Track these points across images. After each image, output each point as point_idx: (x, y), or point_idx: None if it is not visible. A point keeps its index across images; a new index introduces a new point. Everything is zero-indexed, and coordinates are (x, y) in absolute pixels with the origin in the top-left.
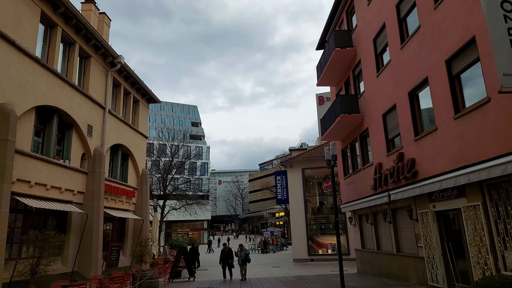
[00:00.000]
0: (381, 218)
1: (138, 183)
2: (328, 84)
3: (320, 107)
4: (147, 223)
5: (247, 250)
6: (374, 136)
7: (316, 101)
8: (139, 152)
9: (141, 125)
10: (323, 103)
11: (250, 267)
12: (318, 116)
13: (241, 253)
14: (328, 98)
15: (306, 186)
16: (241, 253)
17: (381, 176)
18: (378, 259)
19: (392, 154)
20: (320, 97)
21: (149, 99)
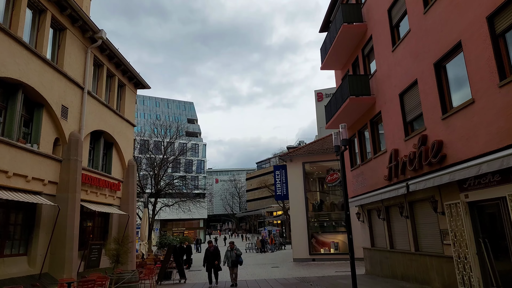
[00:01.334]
0: (396, 213)
1: (124, 175)
2: (333, 67)
3: (319, 104)
4: (134, 219)
5: (238, 250)
6: (388, 120)
7: (314, 98)
8: (125, 141)
9: (127, 112)
10: (322, 99)
11: (247, 267)
12: (317, 113)
13: (231, 253)
14: (327, 94)
15: (307, 182)
16: (232, 253)
17: (397, 165)
18: (391, 259)
19: (412, 138)
20: (319, 93)
21: (137, 83)
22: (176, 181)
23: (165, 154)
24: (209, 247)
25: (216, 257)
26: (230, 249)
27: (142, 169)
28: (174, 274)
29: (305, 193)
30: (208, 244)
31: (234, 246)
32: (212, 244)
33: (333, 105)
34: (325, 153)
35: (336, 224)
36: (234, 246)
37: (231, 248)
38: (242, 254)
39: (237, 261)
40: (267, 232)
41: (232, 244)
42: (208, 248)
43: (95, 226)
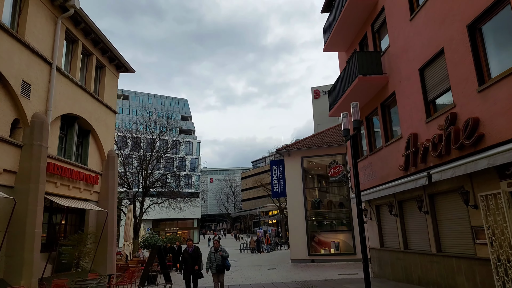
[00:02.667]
0: (412, 208)
1: (103, 167)
2: (337, 48)
3: (315, 101)
4: (114, 216)
5: (225, 251)
6: (404, 101)
7: (311, 95)
8: (104, 129)
9: (108, 97)
10: (318, 97)
11: (241, 269)
12: (314, 110)
13: (215, 256)
14: (324, 91)
15: (305, 178)
16: (216, 255)
17: (416, 151)
18: (405, 260)
19: (436, 118)
20: (316, 91)
21: (119, 66)
22: (166, 177)
23: (154, 148)
24: (188, 247)
25: (196, 260)
26: (214, 250)
27: (129, 163)
28: (159, 278)
29: (303, 189)
30: (186, 244)
31: (220, 246)
32: (191, 243)
33: (338, 89)
34: (325, 147)
35: (336, 222)
36: (220, 246)
37: (216, 249)
38: (229, 256)
39: (223, 265)
40: (263, 232)
41: (216, 243)
42: (186, 248)
43: (68, 224)
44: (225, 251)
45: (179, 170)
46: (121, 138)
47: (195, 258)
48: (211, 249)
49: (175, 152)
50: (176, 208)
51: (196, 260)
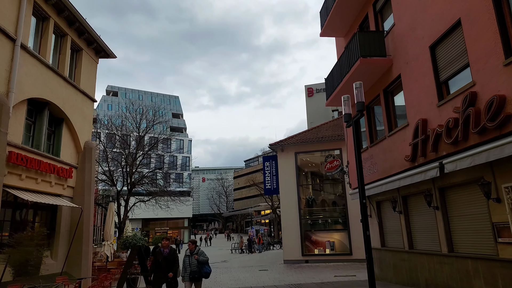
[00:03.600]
0: (420, 203)
1: (78, 160)
2: (335, 32)
3: (309, 99)
4: (91, 214)
5: (203, 254)
6: (412, 84)
7: (305, 93)
8: (80, 118)
9: (85, 83)
10: (312, 95)
11: (231, 271)
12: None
13: (190, 260)
14: (318, 89)
15: (299, 174)
16: (191, 259)
17: (426, 139)
18: (410, 261)
19: (450, 100)
20: (309, 88)
21: (98, 50)
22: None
23: (140, 143)
24: (162, 247)
25: (171, 265)
26: (189, 253)
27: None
28: (139, 281)
29: (297, 186)
30: (161, 244)
31: (196, 248)
32: (167, 242)
33: (336, 76)
34: (320, 142)
35: (331, 221)
36: (196, 248)
37: (191, 251)
38: (208, 260)
39: (199, 272)
40: (254, 232)
41: (192, 245)
42: (160, 249)
43: (38, 222)
44: (204, 254)
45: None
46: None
47: (170, 262)
48: (186, 252)
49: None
50: (163, 206)
51: (171, 265)
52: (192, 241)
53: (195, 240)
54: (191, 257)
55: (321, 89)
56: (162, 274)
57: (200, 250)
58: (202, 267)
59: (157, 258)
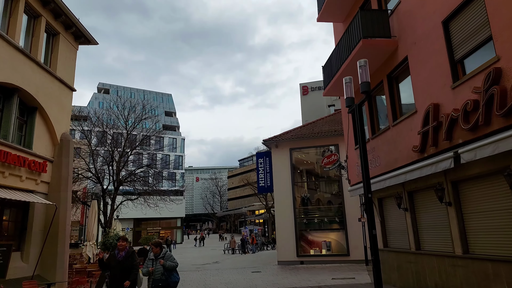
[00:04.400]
0: (429, 199)
1: (54, 153)
2: (333, 17)
3: (304, 97)
4: (68, 212)
5: (171, 258)
6: (421, 66)
7: (300, 91)
8: (57, 108)
9: (63, 70)
10: (307, 93)
11: (222, 272)
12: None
13: (154, 265)
14: (313, 88)
15: (295, 172)
16: (155, 264)
17: (437, 126)
18: (417, 264)
19: (469, 80)
20: (304, 87)
21: (78, 35)
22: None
23: (128, 139)
24: (117, 250)
25: (127, 272)
26: (153, 257)
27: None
28: None
29: (292, 184)
30: (117, 244)
31: (162, 250)
32: (124, 244)
33: (335, 62)
34: (316, 137)
35: (328, 220)
36: (162, 250)
37: (156, 255)
38: (177, 266)
39: (166, 281)
40: (248, 231)
41: (156, 248)
42: (114, 252)
43: (8, 221)
44: (171, 259)
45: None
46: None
47: (126, 268)
48: (149, 256)
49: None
50: (152, 205)
51: (127, 272)
52: (155, 243)
53: (159, 242)
54: (155, 262)
55: (316, 87)
56: (115, 283)
57: (167, 253)
58: (169, 275)
59: (111, 264)
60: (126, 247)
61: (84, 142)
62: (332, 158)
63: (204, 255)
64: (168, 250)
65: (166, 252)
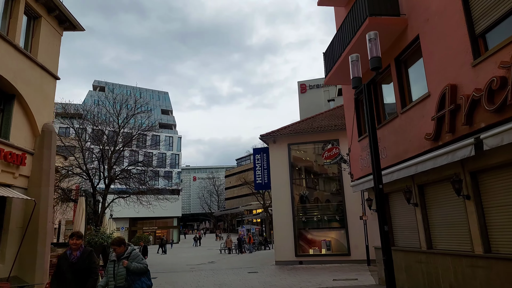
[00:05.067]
0: (442, 193)
1: (35, 145)
2: (334, 1)
3: (302, 96)
4: (49, 208)
5: (139, 258)
6: (434, 45)
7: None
8: (38, 97)
9: (45, 57)
10: (305, 91)
11: (217, 273)
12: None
13: (116, 268)
14: (311, 86)
15: (293, 168)
16: (118, 267)
17: (456, 110)
18: (429, 264)
19: (493, 55)
20: (302, 85)
21: (62, 20)
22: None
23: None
24: (69, 249)
25: (83, 277)
26: (114, 258)
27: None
28: None
29: (291, 180)
30: (69, 243)
31: (128, 249)
32: (78, 243)
33: (337, 47)
34: (315, 132)
35: (328, 218)
36: (128, 249)
37: (118, 256)
38: (146, 268)
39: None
40: (245, 231)
41: (119, 247)
42: (65, 253)
43: None
44: (139, 259)
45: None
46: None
47: (81, 272)
48: (110, 257)
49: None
50: (145, 203)
51: (83, 277)
52: (117, 240)
53: (122, 239)
54: (117, 263)
55: (314, 85)
56: None
57: (134, 252)
58: (134, 280)
59: (61, 268)
60: (81, 246)
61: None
62: (333, 152)
63: (200, 255)
64: (135, 248)
65: (133, 250)
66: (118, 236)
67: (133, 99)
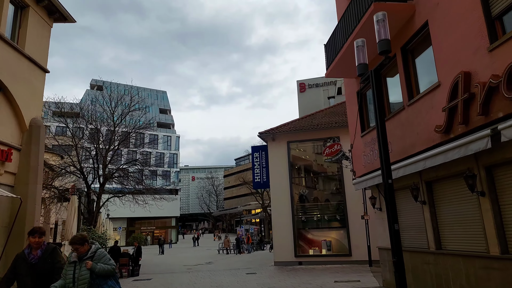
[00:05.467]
0: (452, 189)
1: (22, 140)
2: None
3: (301, 95)
4: (36, 206)
5: (106, 258)
6: (445, 31)
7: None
8: (26, 90)
9: (34, 49)
10: (304, 90)
11: (214, 274)
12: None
13: (78, 270)
14: (310, 85)
15: (292, 166)
16: (79, 268)
17: (470, 99)
18: (438, 265)
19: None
20: (302, 84)
21: (52, 10)
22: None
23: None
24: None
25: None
26: (75, 259)
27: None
28: None
29: (290, 179)
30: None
31: (92, 247)
32: (39, 241)
33: (339, 37)
34: (315, 129)
35: (328, 218)
36: (92, 247)
37: (80, 256)
38: (114, 269)
39: None
40: (243, 230)
41: (81, 246)
42: (24, 252)
43: None
44: (106, 260)
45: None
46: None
47: (43, 274)
48: (69, 258)
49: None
50: (141, 202)
51: (45, 281)
52: (79, 238)
53: (84, 236)
54: (79, 265)
55: (314, 84)
56: None
57: (99, 251)
58: (99, 284)
59: (20, 268)
60: (43, 243)
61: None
62: (334, 148)
63: (198, 255)
64: (100, 247)
65: (98, 249)
66: (80, 233)
67: (128, 96)
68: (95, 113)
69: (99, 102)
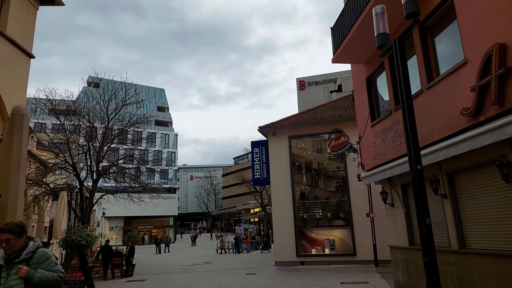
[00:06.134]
0: (479, 181)
1: (3, 130)
2: None
3: (300, 92)
4: (18, 201)
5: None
6: (472, 2)
7: (296, 86)
8: (8, 76)
9: (17, 32)
10: (304, 88)
11: (213, 274)
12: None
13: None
14: (310, 82)
15: (294, 162)
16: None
17: (505, 75)
18: (461, 266)
19: None
20: (301, 81)
21: None
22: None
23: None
24: None
25: None
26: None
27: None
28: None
29: (291, 175)
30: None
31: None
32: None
33: (348, 17)
34: (318, 123)
35: (332, 216)
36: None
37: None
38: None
39: None
40: (242, 229)
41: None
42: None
43: None
44: (49, 263)
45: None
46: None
47: None
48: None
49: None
50: (136, 199)
51: None
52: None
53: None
54: (7, 271)
55: (313, 81)
56: None
57: (40, 251)
58: None
59: None
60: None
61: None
62: (341, 140)
63: (196, 255)
64: (41, 245)
65: (38, 249)
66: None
67: (123, 90)
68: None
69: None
